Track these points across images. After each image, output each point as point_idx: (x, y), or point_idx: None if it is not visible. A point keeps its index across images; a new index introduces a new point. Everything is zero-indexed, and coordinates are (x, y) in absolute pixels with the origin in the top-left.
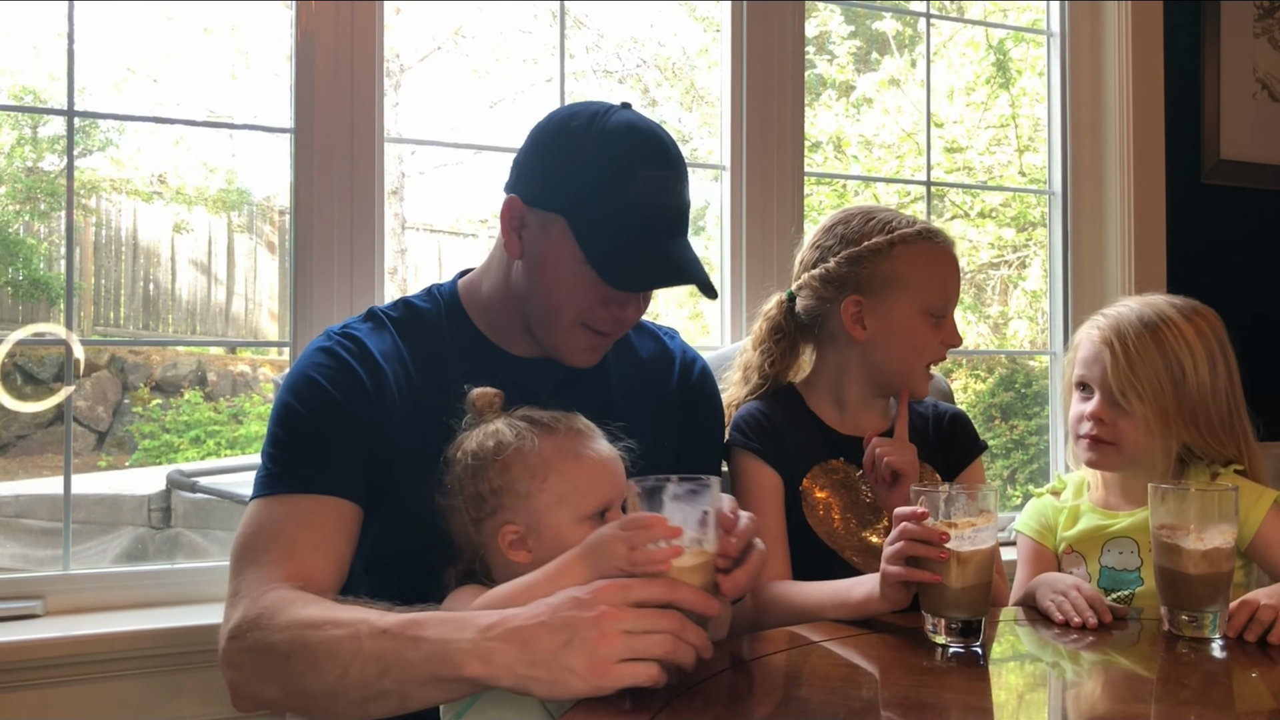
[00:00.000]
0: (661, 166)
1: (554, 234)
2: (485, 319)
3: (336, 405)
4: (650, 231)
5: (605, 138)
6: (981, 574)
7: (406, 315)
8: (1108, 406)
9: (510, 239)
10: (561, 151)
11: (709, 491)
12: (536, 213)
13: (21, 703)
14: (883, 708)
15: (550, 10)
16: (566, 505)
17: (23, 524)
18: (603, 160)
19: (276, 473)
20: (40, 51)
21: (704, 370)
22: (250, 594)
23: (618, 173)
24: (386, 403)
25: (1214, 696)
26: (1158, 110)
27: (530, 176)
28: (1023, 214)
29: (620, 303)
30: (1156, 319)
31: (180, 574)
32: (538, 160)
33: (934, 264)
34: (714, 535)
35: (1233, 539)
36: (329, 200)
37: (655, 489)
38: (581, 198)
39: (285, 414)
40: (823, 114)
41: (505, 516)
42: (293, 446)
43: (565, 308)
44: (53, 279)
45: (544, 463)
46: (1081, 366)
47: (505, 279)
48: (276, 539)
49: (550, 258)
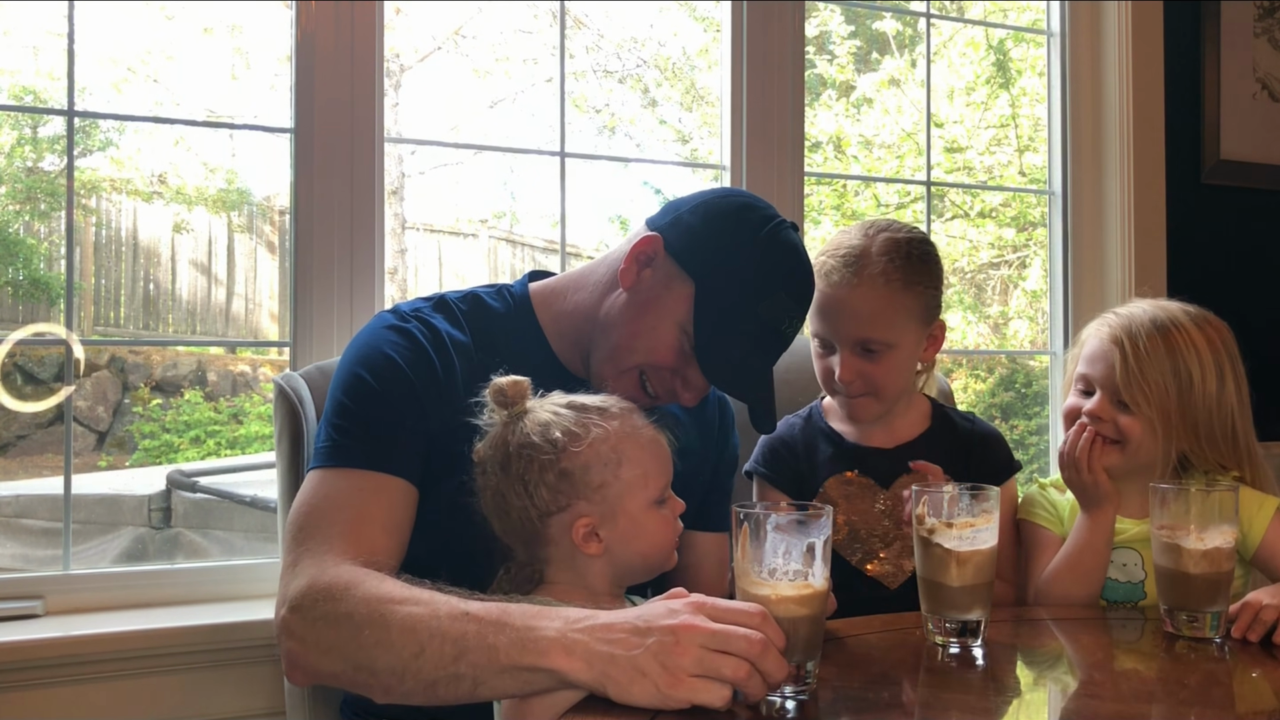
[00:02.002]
0: (802, 301)
1: (676, 292)
2: (555, 330)
3: (409, 385)
4: (758, 345)
5: (772, 246)
6: (981, 574)
7: (476, 310)
8: (1110, 405)
9: (630, 269)
10: (727, 232)
11: (817, 523)
12: (671, 264)
13: (21, 703)
14: (883, 708)
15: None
16: (639, 491)
17: (23, 524)
18: (760, 263)
19: (343, 444)
20: (40, 51)
21: (727, 400)
22: (316, 565)
23: (766, 282)
24: (452, 393)
25: (1214, 696)
26: (1158, 110)
27: (684, 232)
28: (1023, 214)
29: (685, 380)
30: (1169, 323)
31: (180, 574)
32: (701, 226)
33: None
34: (822, 569)
35: (1233, 539)
36: (329, 200)
37: (759, 518)
38: (721, 280)
39: (355, 385)
40: (823, 114)
41: (581, 509)
42: (361, 420)
43: (638, 352)
44: (53, 279)
45: (614, 449)
46: (1086, 363)
47: (598, 302)
48: (342, 512)
49: (658, 307)
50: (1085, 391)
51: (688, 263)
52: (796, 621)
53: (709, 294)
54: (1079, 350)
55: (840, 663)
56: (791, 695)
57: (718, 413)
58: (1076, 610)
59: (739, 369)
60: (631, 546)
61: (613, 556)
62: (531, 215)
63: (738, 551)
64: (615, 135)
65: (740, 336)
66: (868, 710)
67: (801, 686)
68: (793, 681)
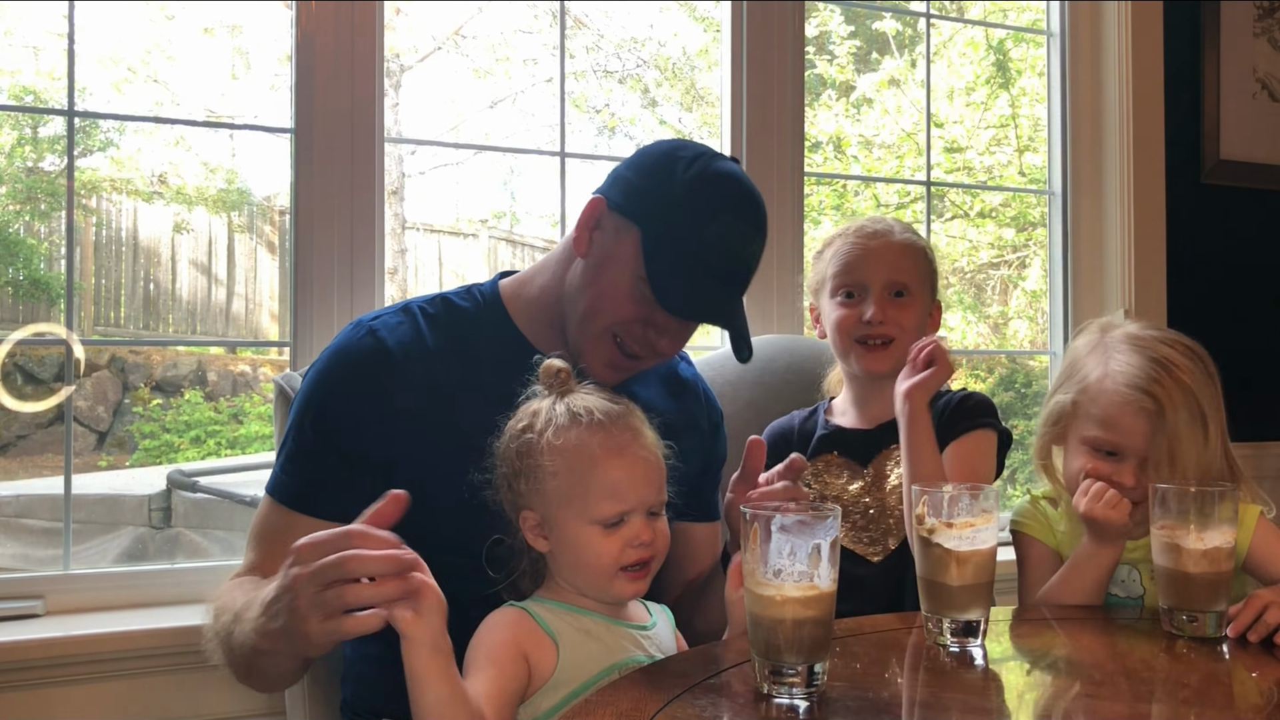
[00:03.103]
0: (747, 221)
1: (624, 242)
2: (526, 318)
3: (345, 418)
4: (713, 273)
5: (707, 176)
6: (981, 574)
7: (443, 311)
8: (1140, 472)
9: (582, 236)
10: (661, 172)
11: (823, 524)
12: (615, 218)
13: (21, 703)
14: (883, 708)
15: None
16: (573, 507)
17: (23, 524)
18: (696, 193)
19: (282, 480)
20: (40, 51)
21: (714, 395)
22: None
23: (706, 210)
24: (407, 403)
25: (1214, 696)
26: (1158, 110)
27: (621, 185)
28: (1023, 214)
29: (659, 329)
30: (1172, 367)
31: (180, 574)
32: (635, 173)
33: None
34: (828, 570)
35: (1233, 539)
36: (329, 200)
37: (765, 519)
38: (663, 217)
39: (298, 420)
40: (823, 114)
41: (526, 501)
42: (297, 454)
43: (606, 313)
44: (53, 279)
45: (562, 458)
46: (1106, 429)
47: (560, 278)
48: (269, 547)
49: (612, 263)
50: (1109, 454)
51: (630, 212)
52: (802, 623)
53: (654, 235)
54: (1080, 388)
55: (840, 662)
56: (799, 697)
57: (705, 412)
58: (1076, 610)
59: (702, 298)
60: (569, 555)
61: (558, 561)
62: (531, 215)
63: (745, 552)
64: (615, 135)
65: (695, 266)
66: (868, 710)
67: (810, 688)
68: (803, 684)
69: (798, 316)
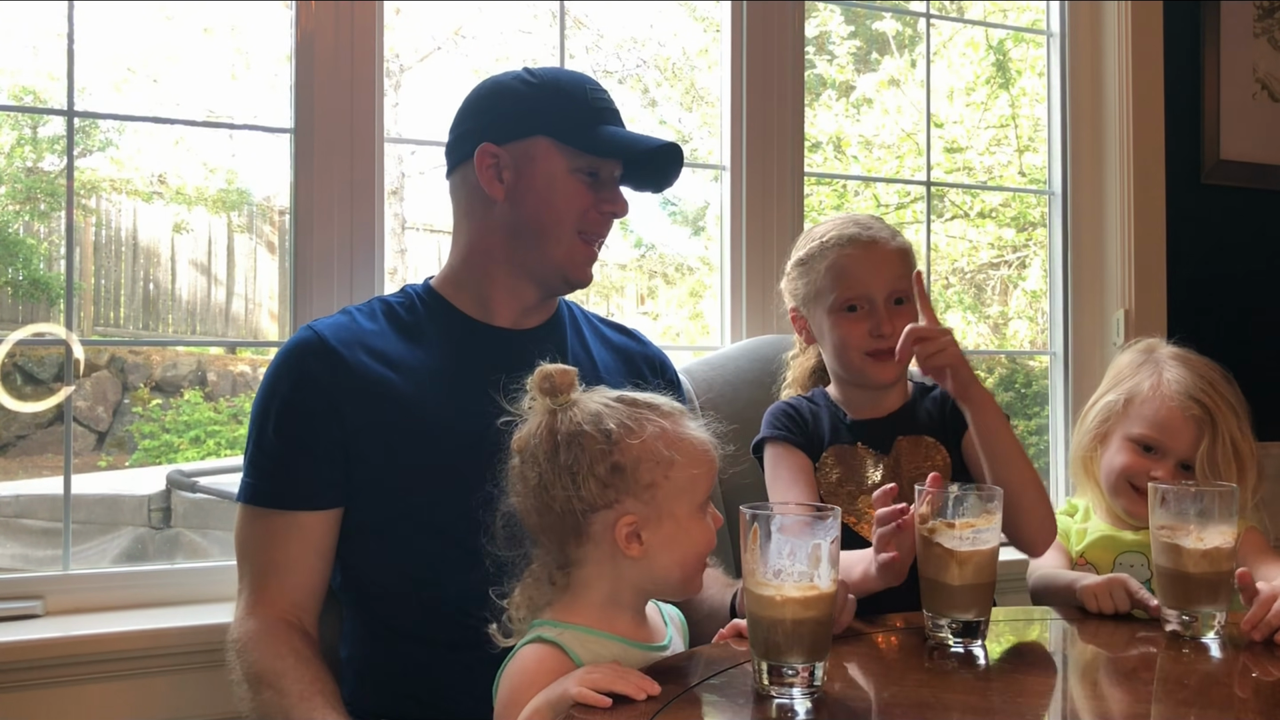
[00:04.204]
0: (595, 83)
1: (538, 154)
2: (465, 295)
3: (298, 412)
4: (617, 121)
5: (546, 74)
6: (982, 574)
7: (382, 307)
8: (1179, 471)
9: (492, 185)
10: (516, 92)
11: (824, 524)
12: (513, 146)
13: (21, 703)
14: (883, 708)
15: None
16: (688, 494)
17: (23, 524)
18: (556, 83)
19: (252, 483)
20: (40, 51)
21: (671, 366)
22: (240, 610)
23: (573, 88)
24: (357, 395)
25: (1214, 696)
26: (1158, 110)
27: (493, 123)
28: (1023, 214)
29: (610, 199)
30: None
31: (180, 574)
32: (493, 109)
33: (842, 265)
34: (829, 571)
35: (1233, 539)
36: (329, 200)
37: (764, 519)
38: (555, 110)
39: (256, 419)
40: (823, 114)
41: (626, 507)
42: (265, 455)
43: (564, 217)
44: (53, 279)
45: (669, 448)
46: (1156, 429)
47: (481, 237)
48: (258, 555)
49: (540, 177)
50: (1147, 449)
51: (523, 130)
52: (802, 624)
53: (559, 125)
54: (1136, 408)
55: (840, 663)
56: (799, 697)
57: (653, 368)
58: (1077, 611)
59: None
60: (671, 553)
61: (650, 562)
62: None
63: (745, 552)
64: None
65: (605, 124)
66: (869, 710)
67: (810, 688)
68: (803, 685)
69: None
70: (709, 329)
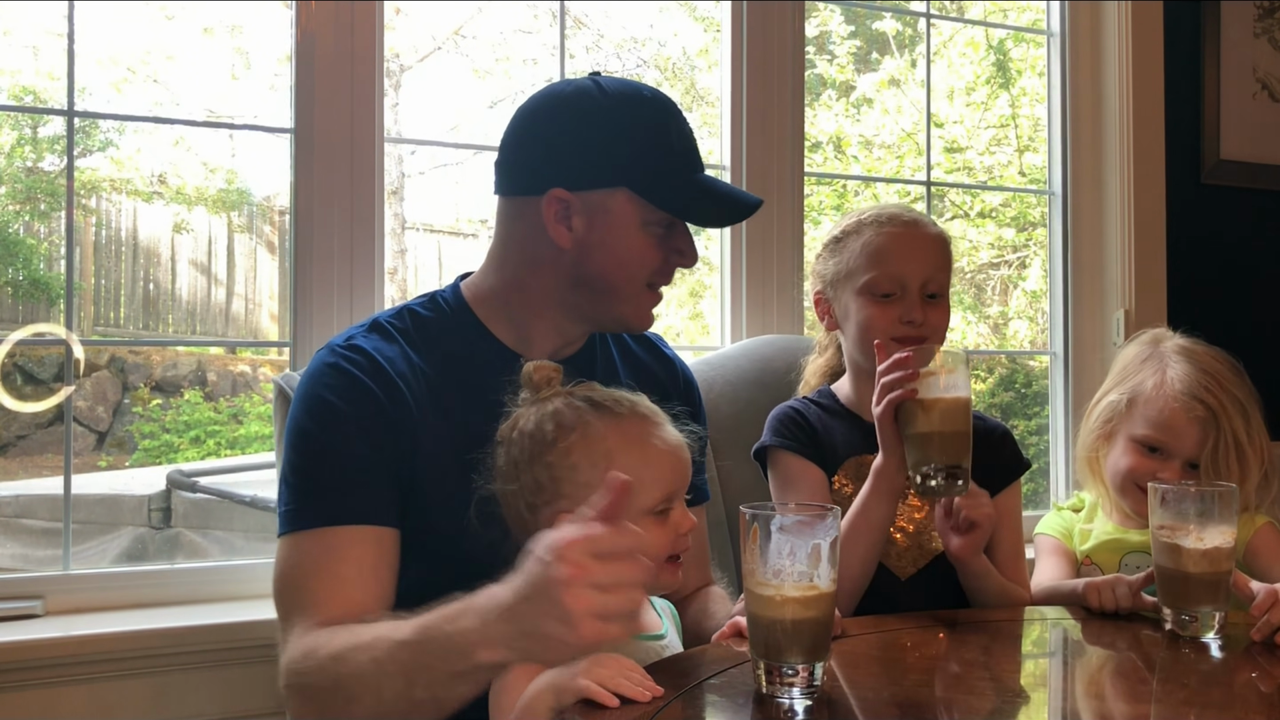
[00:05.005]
0: (673, 107)
1: (615, 207)
2: (502, 323)
3: (352, 425)
4: (700, 169)
5: (625, 100)
6: (952, 421)
7: (413, 324)
8: (1184, 472)
9: (559, 233)
10: (595, 124)
11: (823, 524)
12: (588, 195)
13: (22, 703)
14: (883, 708)
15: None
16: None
17: (23, 524)
18: (639, 118)
19: (299, 508)
20: (40, 51)
21: (693, 378)
22: (293, 638)
23: (657, 127)
24: (403, 416)
25: (1214, 696)
26: (1158, 110)
27: (570, 166)
28: (1023, 214)
29: (682, 251)
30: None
31: (180, 574)
32: (570, 146)
33: (880, 244)
34: (828, 571)
35: (1233, 539)
36: (329, 200)
37: (764, 519)
38: (640, 159)
39: (300, 439)
40: (823, 114)
41: (563, 505)
42: (312, 475)
43: (638, 273)
44: (53, 279)
45: (609, 449)
46: (1159, 430)
47: (536, 276)
48: (311, 580)
49: (614, 232)
50: (1152, 450)
51: (601, 179)
52: (801, 623)
53: (642, 179)
54: (1141, 410)
55: (840, 661)
56: (799, 697)
57: (681, 395)
58: (1076, 610)
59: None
60: None
61: None
62: None
63: (744, 552)
64: None
65: (690, 178)
66: (869, 710)
67: (810, 688)
68: (803, 685)
69: (798, 316)
70: (709, 329)
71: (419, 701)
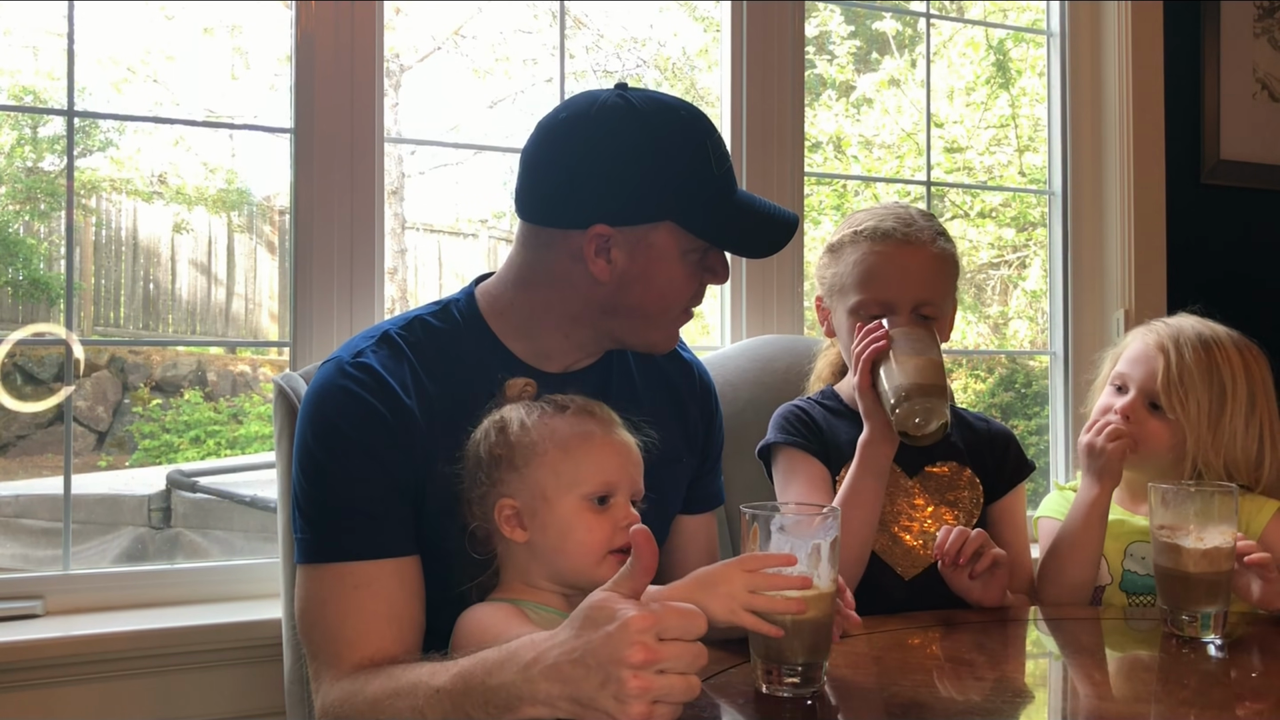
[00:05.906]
0: (707, 124)
1: (657, 241)
2: (520, 339)
3: (364, 455)
4: (735, 186)
5: (662, 121)
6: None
7: (424, 336)
8: (1142, 407)
9: (599, 267)
10: (636, 160)
11: (824, 524)
12: (632, 230)
13: (22, 703)
14: (883, 708)
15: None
16: (563, 481)
17: (23, 524)
18: (681, 149)
19: (318, 539)
20: (40, 51)
21: (711, 384)
22: (326, 681)
23: (696, 149)
24: (413, 438)
25: (1214, 696)
26: (1158, 110)
27: (613, 201)
28: (1023, 214)
29: (714, 270)
30: (1213, 341)
31: (180, 574)
32: (612, 179)
33: (871, 264)
34: (829, 570)
35: (1233, 539)
36: (329, 200)
37: (764, 519)
38: (683, 189)
39: (311, 466)
40: (823, 114)
41: (501, 490)
42: (327, 506)
43: (676, 302)
44: (53, 279)
45: (544, 436)
46: (1126, 364)
47: (566, 301)
48: (336, 618)
49: (657, 263)
50: (1120, 389)
51: (646, 213)
52: (801, 623)
53: (686, 211)
54: (1119, 351)
55: (839, 662)
56: (801, 696)
57: (699, 403)
58: (1077, 610)
59: (761, 222)
60: (553, 542)
61: (535, 550)
62: None
63: (744, 551)
64: None
65: (732, 203)
66: (869, 710)
67: (810, 688)
68: (803, 685)
69: (798, 316)
70: (709, 329)
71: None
